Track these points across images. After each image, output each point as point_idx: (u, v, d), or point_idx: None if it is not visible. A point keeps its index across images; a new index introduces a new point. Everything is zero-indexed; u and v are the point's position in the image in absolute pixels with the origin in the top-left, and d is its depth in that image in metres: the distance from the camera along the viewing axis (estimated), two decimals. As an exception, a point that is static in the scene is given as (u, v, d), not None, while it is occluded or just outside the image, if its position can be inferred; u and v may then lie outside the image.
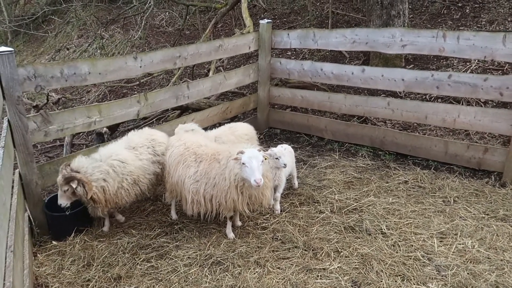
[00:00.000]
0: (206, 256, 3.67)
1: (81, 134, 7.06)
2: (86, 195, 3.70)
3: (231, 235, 3.94)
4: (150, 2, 9.14)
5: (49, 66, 4.00)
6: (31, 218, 4.00)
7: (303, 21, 10.04)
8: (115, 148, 4.04)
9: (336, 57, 8.33)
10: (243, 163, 3.42)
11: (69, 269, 3.57)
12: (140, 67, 4.76)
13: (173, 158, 3.86)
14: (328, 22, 9.20)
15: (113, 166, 3.85)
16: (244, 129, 4.75)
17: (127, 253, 3.76)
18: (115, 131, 6.60)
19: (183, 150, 3.82)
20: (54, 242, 3.97)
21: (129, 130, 6.91)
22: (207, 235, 4.01)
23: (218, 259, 3.62)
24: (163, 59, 4.99)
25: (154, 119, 7.24)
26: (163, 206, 4.59)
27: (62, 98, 8.60)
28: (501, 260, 3.44)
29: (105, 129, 5.97)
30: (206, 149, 3.80)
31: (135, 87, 9.08)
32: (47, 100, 7.15)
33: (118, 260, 3.65)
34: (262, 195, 3.71)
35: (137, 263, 3.62)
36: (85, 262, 3.64)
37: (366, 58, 7.67)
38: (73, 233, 4.04)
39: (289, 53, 8.99)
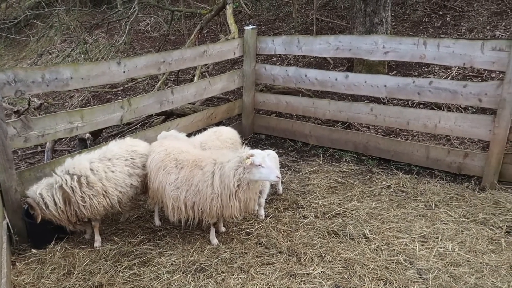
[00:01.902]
0: (189, 262, 3.64)
1: (63, 139, 6.95)
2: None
3: (215, 241, 3.92)
4: (134, 7, 9.10)
5: (30, 70, 3.94)
6: (10, 226, 3.91)
7: (288, 27, 10.13)
8: (77, 159, 3.88)
9: (321, 63, 8.41)
10: (258, 165, 3.43)
11: (48, 278, 3.50)
12: (124, 72, 4.73)
13: (154, 164, 3.83)
14: (313, 29, 9.29)
15: (66, 180, 3.72)
16: (228, 133, 4.74)
17: (109, 260, 3.70)
18: (98, 136, 6.53)
19: (164, 156, 3.79)
20: (33, 250, 3.88)
21: (113, 135, 6.87)
22: (190, 242, 3.98)
23: (202, 265, 3.60)
24: (147, 65, 4.96)
25: (138, 125, 7.18)
26: (147, 212, 4.55)
27: (44, 103, 8.46)
28: (481, 263, 3.51)
29: (88, 134, 5.89)
30: (187, 155, 3.77)
31: (119, 92, 9.00)
32: (29, 105, 7.03)
33: (99, 268, 3.60)
34: (253, 200, 3.75)
35: (119, 271, 3.56)
36: (66, 270, 3.57)
37: (350, 64, 7.77)
38: (54, 241, 3.97)
39: (274, 59, 9.04)
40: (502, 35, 7.38)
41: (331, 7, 10.42)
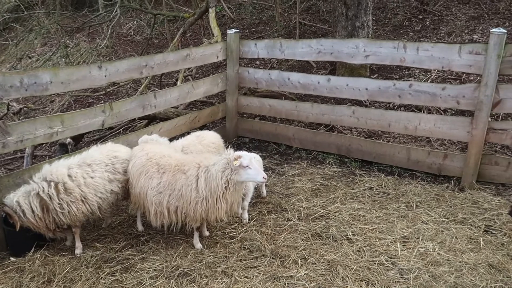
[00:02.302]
0: (172, 267, 3.61)
1: (43, 145, 6.83)
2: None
3: (198, 245, 3.90)
4: (116, 11, 9.03)
5: (7, 75, 3.87)
6: (-12, 234, 3.82)
7: (271, 31, 10.19)
8: (55, 166, 3.80)
9: (304, 66, 8.48)
10: (246, 166, 3.49)
11: (28, 286, 3.42)
12: (105, 76, 4.68)
13: (135, 168, 3.79)
14: (296, 33, 9.37)
15: (43, 187, 3.64)
16: (212, 137, 4.72)
17: (91, 267, 3.64)
18: (80, 141, 6.43)
19: (145, 161, 3.75)
20: (12, 259, 3.79)
21: (95, 140, 6.79)
22: (174, 246, 3.95)
23: (185, 270, 3.57)
24: (129, 68, 4.93)
25: (121, 129, 7.11)
26: (129, 217, 4.50)
27: (24, 108, 8.31)
28: (460, 262, 3.58)
29: (68, 139, 5.80)
30: (169, 159, 3.75)
31: (101, 96, 8.90)
32: (8, 110, 6.89)
33: (80, 275, 3.54)
34: (237, 201, 3.79)
35: (101, 277, 3.51)
36: (46, 278, 3.50)
37: (333, 67, 7.86)
38: (33, 249, 3.89)
39: (258, 62, 9.08)
40: (479, 39, 7.57)
41: (313, 11, 10.53)
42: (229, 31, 6.26)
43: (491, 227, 4.12)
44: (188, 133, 6.73)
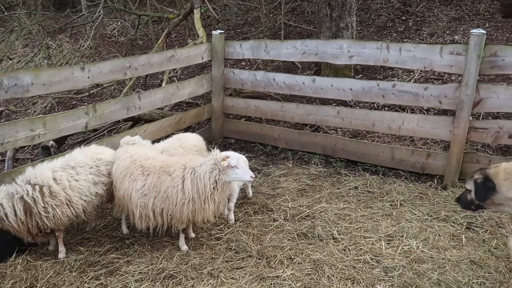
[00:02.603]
0: (158, 270, 3.59)
1: (25, 148, 6.70)
2: None
3: (184, 247, 3.88)
4: (100, 11, 8.92)
5: (-14, 77, 3.79)
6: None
7: (256, 32, 10.21)
8: (39, 168, 3.74)
9: (289, 67, 8.52)
10: (233, 166, 3.52)
11: (9, 292, 3.36)
12: (88, 77, 4.62)
13: (119, 171, 3.75)
14: (281, 33, 9.40)
15: (27, 190, 3.57)
16: (193, 140, 4.66)
17: (74, 271, 3.59)
18: (63, 144, 6.34)
19: (130, 163, 3.72)
20: (-7, 264, 3.72)
21: (78, 142, 6.69)
22: (159, 249, 3.92)
23: (171, 272, 3.55)
24: (112, 70, 4.87)
25: (105, 131, 7.02)
26: (114, 220, 4.45)
27: (5, 111, 8.13)
28: (443, 259, 3.64)
29: (51, 142, 5.70)
30: (154, 161, 3.72)
31: (85, 98, 8.78)
32: (-12, 112, 6.74)
33: (64, 280, 3.48)
34: (223, 202, 3.81)
35: (85, 282, 3.46)
36: (28, 284, 3.43)
37: (318, 68, 7.91)
38: (15, 254, 3.81)
39: (243, 63, 9.08)
40: (460, 40, 7.72)
41: (298, 12, 10.58)
42: (214, 32, 6.25)
43: (473, 224, 4.20)
44: (173, 134, 6.69)
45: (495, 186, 3.18)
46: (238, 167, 3.57)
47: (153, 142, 4.61)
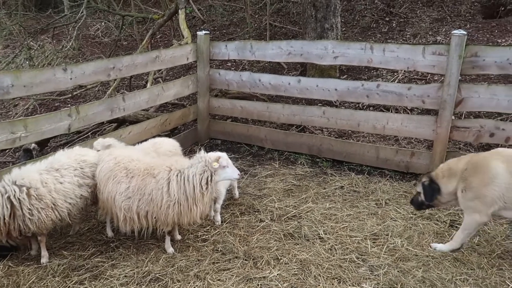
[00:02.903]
0: (144, 273, 3.55)
1: (6, 150, 6.56)
2: None
3: (170, 249, 3.85)
4: (82, 12, 8.80)
5: (-36, 78, 3.70)
6: None
7: (242, 33, 10.20)
8: (26, 170, 3.68)
9: (275, 68, 8.53)
10: (224, 166, 3.59)
11: (-10, 299, 3.28)
12: (71, 79, 4.55)
13: (103, 173, 3.70)
14: (267, 34, 9.42)
15: (14, 191, 3.49)
16: (169, 145, 4.54)
17: (57, 276, 3.52)
18: (46, 146, 6.23)
19: (113, 165, 3.67)
20: (-27, 270, 3.62)
21: (62, 145, 6.58)
22: (145, 251, 3.88)
23: (157, 275, 3.52)
24: (95, 71, 4.81)
25: (89, 133, 6.93)
26: (98, 223, 4.38)
27: (-15, 113, 7.96)
28: (427, 257, 3.69)
29: (33, 145, 5.60)
30: (138, 163, 3.67)
31: (68, 100, 8.65)
32: (-33, 115, 6.58)
33: (47, 285, 3.41)
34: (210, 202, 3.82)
35: (69, 286, 3.40)
36: (9, 290, 3.37)
37: (304, 69, 7.94)
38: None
39: (229, 64, 9.06)
40: (442, 40, 7.84)
41: (284, 13, 10.61)
42: (199, 33, 6.22)
43: (456, 221, 4.27)
44: (159, 135, 6.64)
45: (439, 187, 3.62)
46: (228, 166, 3.62)
47: (136, 144, 4.54)
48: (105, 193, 3.68)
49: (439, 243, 3.88)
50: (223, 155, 3.67)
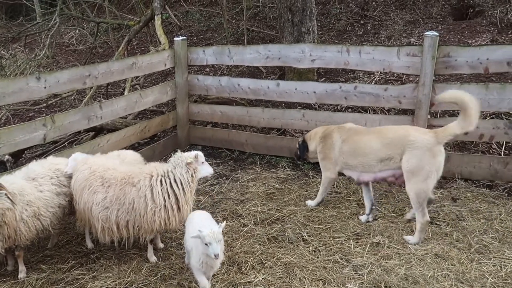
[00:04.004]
0: (126, 284, 3.47)
1: (-21, 163, 6.32)
2: None
3: (153, 258, 3.78)
4: (55, 19, 8.62)
5: None
6: None
7: (220, 38, 10.19)
8: (9, 178, 3.59)
9: (254, 72, 8.55)
10: (203, 162, 3.74)
11: (-36, 319, 3.14)
12: (45, 88, 4.44)
13: (77, 183, 3.60)
14: (244, 39, 9.44)
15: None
16: (132, 156, 4.41)
17: (36, 291, 3.41)
18: (20, 158, 6.05)
19: (88, 175, 3.57)
20: None
21: (38, 156, 6.39)
22: (127, 262, 3.80)
23: (140, 285, 3.45)
24: (70, 79, 4.71)
25: (66, 143, 6.76)
26: (77, 235, 4.27)
27: (-45, 125, 7.67)
28: (409, 254, 3.75)
29: (7, 156, 5.42)
30: (114, 172, 3.59)
31: (43, 109, 8.43)
32: None
33: (25, 301, 3.30)
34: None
35: (48, 301, 3.30)
36: (-15, 308, 3.24)
37: (282, 72, 7.98)
38: (-30, 277, 3.58)
39: (207, 69, 9.04)
40: (416, 42, 8.04)
41: (261, 18, 10.67)
42: (176, 39, 6.18)
43: (435, 218, 4.36)
44: (139, 143, 6.55)
45: (307, 145, 4.70)
46: (204, 162, 3.72)
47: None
48: (81, 204, 3.59)
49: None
50: (200, 153, 3.72)
